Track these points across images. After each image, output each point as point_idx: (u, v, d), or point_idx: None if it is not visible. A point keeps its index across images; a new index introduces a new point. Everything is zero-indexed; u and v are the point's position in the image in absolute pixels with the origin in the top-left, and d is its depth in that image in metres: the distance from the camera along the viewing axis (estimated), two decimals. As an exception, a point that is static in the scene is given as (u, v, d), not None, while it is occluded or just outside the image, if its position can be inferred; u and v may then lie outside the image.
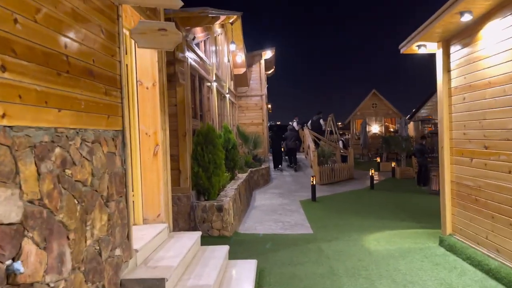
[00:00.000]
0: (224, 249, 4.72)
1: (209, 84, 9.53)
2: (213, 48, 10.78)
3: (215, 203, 6.58)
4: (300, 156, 18.42)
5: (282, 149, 17.61)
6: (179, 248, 4.18)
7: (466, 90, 5.20)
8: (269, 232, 7.27)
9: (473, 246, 5.07)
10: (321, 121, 19.26)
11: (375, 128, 28.61)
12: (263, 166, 14.18)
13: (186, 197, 6.51)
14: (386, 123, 29.46)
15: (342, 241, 6.37)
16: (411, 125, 29.50)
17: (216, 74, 10.34)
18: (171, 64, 6.31)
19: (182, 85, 6.46)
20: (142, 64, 4.67)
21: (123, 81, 3.57)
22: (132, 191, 4.35)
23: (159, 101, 4.69)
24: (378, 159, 19.80)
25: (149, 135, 4.64)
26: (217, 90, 10.54)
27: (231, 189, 8.01)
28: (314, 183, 10.95)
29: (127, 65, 4.52)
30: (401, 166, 17.00)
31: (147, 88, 4.66)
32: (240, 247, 6.03)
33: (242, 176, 10.55)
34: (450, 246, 5.52)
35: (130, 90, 4.52)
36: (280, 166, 16.85)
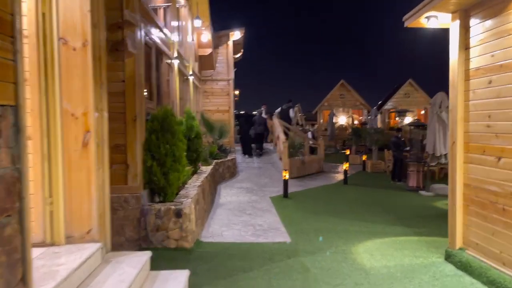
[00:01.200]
0: (182, 276, 3.43)
1: (169, 61, 8.09)
2: (176, 22, 9.30)
3: (173, 206, 5.24)
4: (267, 147, 17.27)
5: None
6: (116, 283, 2.84)
7: (493, 71, 4.15)
8: (238, 240, 6.03)
9: (497, 266, 4.07)
10: (291, 110, 18.16)
11: (342, 120, 28.00)
12: (229, 158, 12.89)
13: (135, 199, 5.13)
14: (354, 115, 28.94)
15: (329, 255, 5.24)
16: (377, 117, 29.15)
17: (178, 51, 8.89)
18: (118, 27, 4.87)
19: (132, 55, 5.03)
20: (68, 15, 3.24)
21: (17, 24, 2.17)
22: (51, 197, 2.99)
23: (93, 70, 3.29)
24: (348, 152, 19.02)
25: (77, 117, 3.25)
26: (179, 70, 9.10)
27: (193, 187, 6.68)
28: (287, 177, 9.82)
29: (44, 14, 3.09)
30: (373, 159, 16.27)
31: (74, 50, 3.24)
32: (204, 264, 4.75)
33: (206, 170, 9.23)
34: (462, 263, 4.52)
35: (48, 50, 3.09)
36: (248, 154, 15.78)
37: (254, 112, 20.33)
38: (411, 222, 7.19)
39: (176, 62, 8.44)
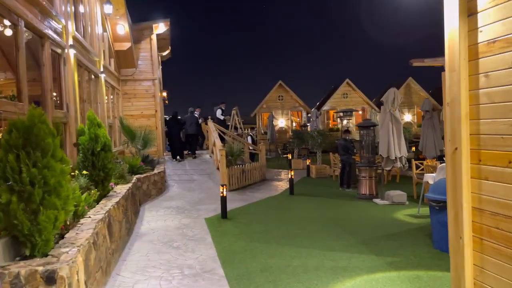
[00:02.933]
0: None
1: (59, 50, 6.02)
2: (74, 4, 7.24)
3: (41, 267, 3.30)
4: (203, 155, 15.43)
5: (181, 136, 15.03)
6: None
7: (524, 42, 2.78)
8: (156, 299, 4.21)
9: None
10: (218, 111, 16.47)
11: (281, 122, 26.92)
12: (156, 171, 10.91)
13: (-27, 261, 3.12)
14: (293, 117, 28.00)
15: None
16: (319, 119, 28.47)
17: (77, 39, 6.84)
18: None
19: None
20: None
21: None
22: None
23: None
24: (290, 156, 17.78)
25: None
26: (80, 63, 7.05)
27: (91, 222, 4.72)
28: (225, 193, 8.10)
29: None
30: (317, 164, 15.10)
31: None
32: None
33: (121, 190, 7.23)
34: (479, 324, 3.11)
35: None
36: (178, 157, 14.01)
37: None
38: (380, 246, 5.82)
39: (72, 52, 6.39)
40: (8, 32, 4.34)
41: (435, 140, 12.61)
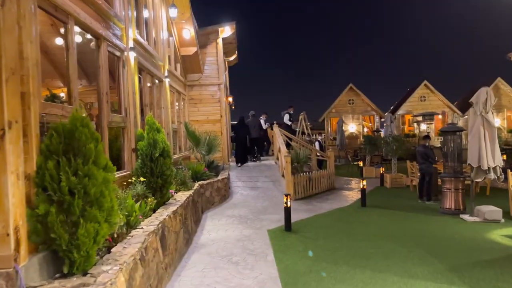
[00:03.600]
0: None
1: (118, 52, 5.85)
2: (138, 8, 7.14)
3: None
4: (269, 161, 14.94)
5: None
6: None
7: None
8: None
9: None
10: (286, 116, 15.82)
11: (352, 127, 25.63)
12: (220, 177, 10.60)
13: (5, 278, 2.83)
14: (364, 121, 26.57)
15: None
16: (393, 123, 26.71)
17: (139, 43, 6.69)
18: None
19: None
20: None
21: None
22: None
23: None
24: (361, 163, 16.67)
25: None
26: (142, 66, 6.89)
27: (143, 234, 4.37)
28: (289, 204, 7.47)
29: None
30: (392, 173, 13.88)
31: None
32: None
33: (181, 198, 6.93)
34: None
35: None
36: (241, 163, 13.74)
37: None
38: (474, 275, 4.80)
39: (132, 56, 6.21)
40: (60, 32, 4.16)
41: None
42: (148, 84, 7.56)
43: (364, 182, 9.94)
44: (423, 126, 24.50)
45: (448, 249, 6.04)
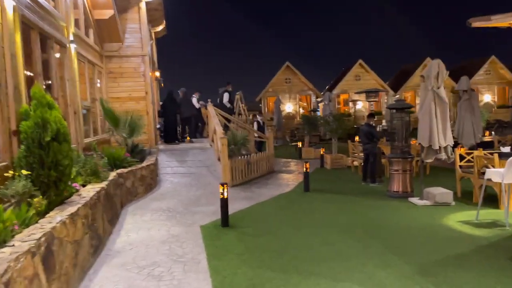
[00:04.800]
0: None
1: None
2: None
3: None
4: (203, 144, 13.62)
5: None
6: None
7: None
8: None
9: None
10: (225, 95, 14.59)
11: (289, 107, 25.02)
12: (145, 164, 9.12)
13: None
14: (301, 101, 26.09)
15: None
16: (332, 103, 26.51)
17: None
18: None
19: None
20: None
21: None
22: None
23: None
24: (300, 144, 15.97)
25: None
26: (27, 21, 5.20)
27: (9, 256, 2.94)
28: (226, 195, 6.30)
29: None
30: (332, 153, 13.27)
31: None
32: None
33: (89, 192, 5.44)
34: None
35: None
36: (172, 141, 12.56)
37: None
38: (449, 278, 3.99)
39: (9, 3, 4.52)
40: None
41: (473, 126, 10.72)
42: (38, 47, 5.85)
43: (308, 166, 9.05)
44: (359, 105, 24.57)
45: (408, 242, 5.27)
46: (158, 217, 6.95)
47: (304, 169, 9.03)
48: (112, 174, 7.15)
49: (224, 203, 6.27)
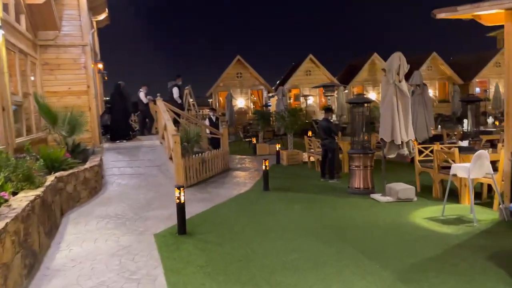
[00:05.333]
0: None
1: None
2: None
3: None
4: (152, 141, 12.77)
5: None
6: None
7: None
8: None
9: None
10: (174, 89, 13.84)
11: (240, 102, 24.55)
12: (88, 165, 8.24)
13: None
14: (253, 96, 25.71)
15: None
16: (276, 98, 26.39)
17: None
18: None
19: None
20: None
21: None
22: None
23: None
24: (254, 140, 15.57)
25: None
26: None
27: None
28: (183, 199, 5.70)
29: None
30: (288, 149, 12.99)
31: None
32: None
33: (21, 202, 4.61)
34: None
35: None
36: (117, 140, 11.69)
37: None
38: (435, 286, 3.72)
39: None
40: None
41: (426, 119, 10.89)
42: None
43: (267, 164, 8.63)
44: (310, 100, 24.64)
45: (380, 243, 5.01)
46: (105, 225, 6.19)
47: (264, 167, 8.60)
48: (50, 179, 6.27)
49: (181, 208, 5.66)
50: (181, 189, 5.69)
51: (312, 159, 11.67)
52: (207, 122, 14.14)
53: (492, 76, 26.18)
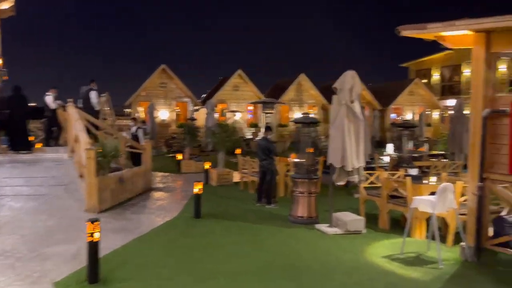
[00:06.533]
0: None
1: None
2: None
3: None
4: (59, 154, 10.84)
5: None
6: None
7: None
8: None
9: None
10: (93, 94, 12.13)
11: (164, 114, 22.95)
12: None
13: None
14: (176, 108, 24.27)
15: None
16: (202, 112, 25.29)
17: None
18: None
19: None
20: None
21: None
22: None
23: None
24: (179, 156, 14.22)
25: None
26: None
27: None
28: (97, 237, 4.34)
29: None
30: (218, 168, 11.92)
31: None
32: None
33: None
34: None
35: None
36: (20, 150, 9.78)
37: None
38: None
39: None
40: None
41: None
42: None
43: (200, 187, 7.49)
44: (236, 117, 23.92)
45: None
46: (-18, 271, 4.57)
47: (196, 189, 7.44)
48: None
49: (93, 249, 4.31)
50: (95, 223, 4.34)
51: (245, 179, 10.74)
52: (140, 133, 12.64)
53: (406, 104, 27.91)
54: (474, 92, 5.02)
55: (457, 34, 5.18)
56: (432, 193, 5.51)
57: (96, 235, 4.30)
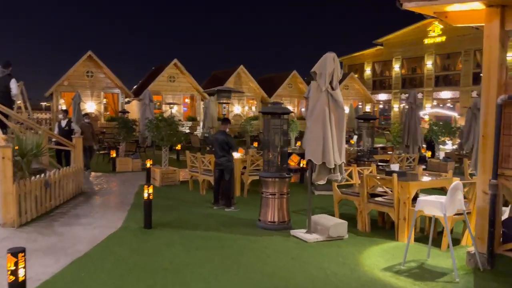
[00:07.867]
0: None
1: None
2: None
3: None
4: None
5: None
6: None
7: None
8: None
9: None
10: (13, 82, 10.05)
11: (90, 106, 20.61)
12: None
13: None
14: (106, 99, 22.02)
15: None
16: (133, 104, 23.29)
17: None
18: None
19: None
20: None
21: None
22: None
23: None
24: (113, 154, 12.51)
25: None
26: None
27: None
28: (22, 275, 2.96)
29: None
30: (162, 166, 10.52)
31: None
32: None
33: None
34: None
35: None
36: None
37: None
38: None
39: None
40: None
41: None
42: None
43: (151, 191, 6.16)
44: (174, 109, 22.30)
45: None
46: None
47: (146, 195, 6.11)
48: None
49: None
50: (20, 255, 2.95)
51: (194, 178, 9.49)
52: (56, 129, 10.71)
53: (285, 95, 28.13)
54: (486, 76, 4.38)
55: (463, 9, 4.51)
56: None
57: (20, 273, 2.92)
